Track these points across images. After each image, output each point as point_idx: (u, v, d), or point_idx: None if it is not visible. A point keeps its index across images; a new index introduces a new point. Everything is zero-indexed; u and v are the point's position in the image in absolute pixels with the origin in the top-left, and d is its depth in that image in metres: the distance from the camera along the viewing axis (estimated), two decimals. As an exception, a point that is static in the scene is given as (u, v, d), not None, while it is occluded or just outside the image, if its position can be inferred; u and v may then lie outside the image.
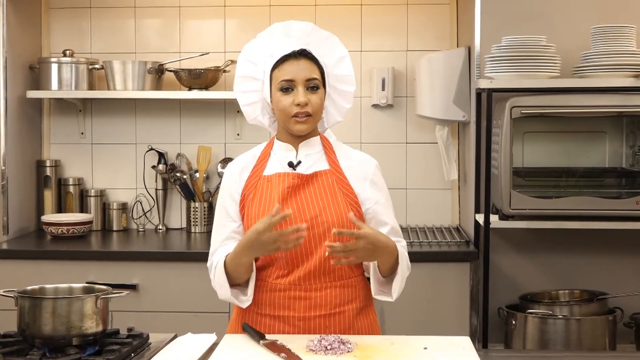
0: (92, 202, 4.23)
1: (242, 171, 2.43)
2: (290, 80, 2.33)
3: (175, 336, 2.38)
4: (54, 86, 4.07)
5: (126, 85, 4.07)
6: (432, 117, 3.99)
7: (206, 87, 4.11)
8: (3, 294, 2.20)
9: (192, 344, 2.27)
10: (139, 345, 2.24)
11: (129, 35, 4.32)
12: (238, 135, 4.28)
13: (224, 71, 4.14)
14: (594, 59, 3.37)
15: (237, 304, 2.37)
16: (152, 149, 4.24)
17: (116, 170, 4.33)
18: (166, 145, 4.27)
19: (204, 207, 4.17)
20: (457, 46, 4.13)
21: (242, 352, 2.16)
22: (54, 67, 4.07)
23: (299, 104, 2.31)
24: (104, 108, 4.32)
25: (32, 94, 4.07)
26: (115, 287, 2.56)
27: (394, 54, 4.24)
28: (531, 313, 3.36)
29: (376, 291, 2.35)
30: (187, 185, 4.18)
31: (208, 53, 4.17)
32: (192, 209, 4.17)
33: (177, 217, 4.32)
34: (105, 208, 4.26)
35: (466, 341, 2.25)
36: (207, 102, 4.27)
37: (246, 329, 2.29)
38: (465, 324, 3.56)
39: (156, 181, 4.27)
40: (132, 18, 4.32)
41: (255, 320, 2.37)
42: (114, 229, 4.24)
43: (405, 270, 2.36)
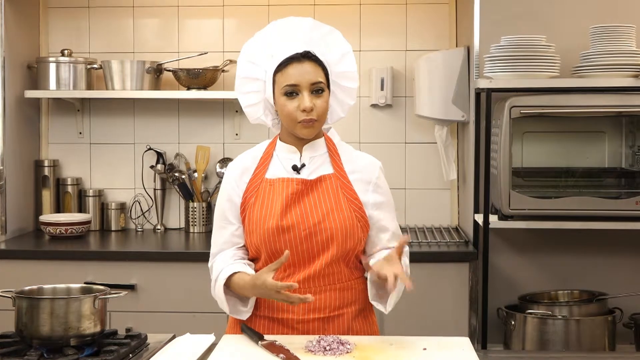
0: (91, 202, 4.23)
1: (243, 173, 2.39)
2: (295, 85, 2.28)
3: (174, 337, 2.37)
4: (52, 86, 4.07)
5: (124, 85, 4.06)
6: (431, 117, 3.98)
7: (205, 87, 4.10)
8: (1, 294, 2.19)
9: (190, 344, 2.26)
10: (137, 345, 2.23)
11: (127, 35, 4.31)
12: (237, 135, 4.28)
13: (223, 71, 4.13)
14: (594, 58, 3.37)
15: (235, 316, 2.36)
16: (150, 148, 4.23)
17: (114, 170, 4.32)
18: (165, 145, 4.27)
19: (203, 207, 4.16)
20: (456, 46, 4.12)
21: (241, 353, 2.15)
22: (52, 67, 4.06)
23: (304, 110, 2.27)
24: (102, 108, 4.31)
25: (30, 94, 4.06)
26: (114, 287, 2.56)
27: (393, 53, 4.23)
28: (530, 313, 3.35)
29: (373, 296, 2.34)
30: (185, 185, 4.18)
31: (207, 53, 4.16)
32: (190, 209, 4.17)
33: (175, 217, 4.32)
34: (103, 208, 4.25)
35: (465, 342, 2.24)
36: (206, 101, 4.26)
37: (245, 329, 2.29)
38: (464, 325, 3.55)
39: (154, 181, 4.26)
40: (130, 18, 4.31)
41: (254, 322, 2.36)
42: (112, 229, 4.23)
43: (400, 287, 2.31)
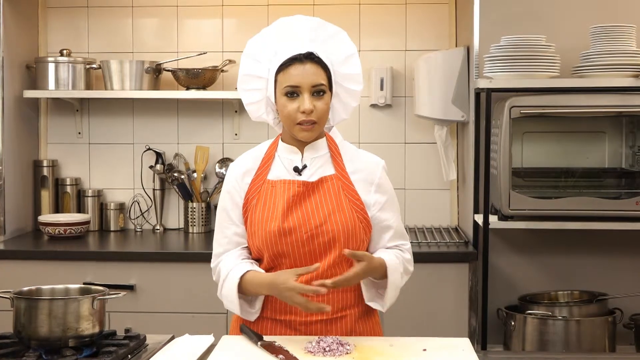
0: (90, 202, 4.22)
1: (245, 174, 2.38)
2: (296, 86, 2.27)
3: (173, 337, 2.36)
4: (51, 86, 4.06)
5: (123, 85, 4.05)
6: (430, 117, 3.98)
7: (204, 87, 4.09)
8: (-1, 295, 2.19)
9: (189, 345, 2.26)
10: (136, 346, 2.22)
11: (126, 35, 4.30)
12: (236, 135, 4.27)
13: (222, 71, 4.12)
14: (594, 58, 3.37)
15: (243, 317, 2.35)
16: (149, 149, 4.23)
17: (113, 171, 4.32)
18: (164, 145, 4.26)
19: (202, 208, 4.15)
20: (456, 46, 4.12)
21: (240, 354, 2.14)
22: (51, 67, 4.05)
23: (304, 112, 2.26)
24: (101, 108, 4.31)
25: (29, 94, 4.06)
26: (113, 287, 2.56)
27: (393, 53, 4.23)
28: (530, 314, 3.35)
29: (369, 297, 2.33)
30: (184, 186, 4.17)
31: (206, 53, 4.16)
32: (189, 209, 4.16)
33: (174, 217, 4.31)
34: (102, 208, 4.24)
35: (465, 343, 2.23)
36: (205, 101, 4.26)
37: (244, 330, 2.28)
38: (464, 325, 3.55)
39: (154, 181, 4.26)
40: (129, 17, 4.30)
41: (257, 323, 2.35)
42: (112, 229, 4.22)
43: (399, 280, 2.32)
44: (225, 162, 4.20)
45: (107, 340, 2.21)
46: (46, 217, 4.04)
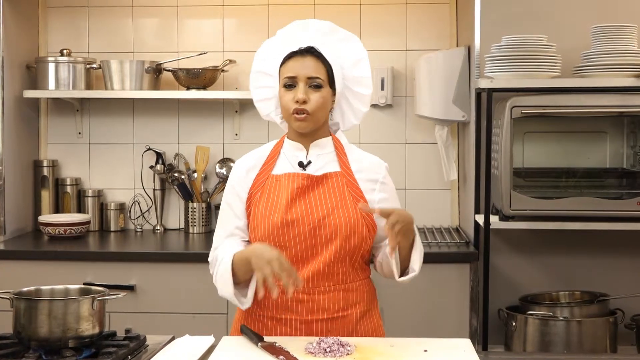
0: (90, 202, 4.21)
1: (250, 170, 2.41)
2: (293, 77, 2.32)
3: (173, 338, 2.36)
4: (51, 86, 4.06)
5: (124, 85, 4.05)
6: (431, 117, 3.97)
7: (204, 87, 4.09)
8: (-1, 295, 2.19)
9: (189, 346, 2.26)
10: (136, 347, 2.22)
11: (126, 35, 4.30)
12: (236, 135, 4.27)
13: (222, 71, 4.12)
14: (595, 58, 3.36)
15: (237, 304, 2.35)
16: (149, 149, 4.22)
17: (114, 171, 4.31)
18: (164, 145, 4.26)
19: (202, 208, 4.15)
20: (457, 46, 4.11)
21: (240, 355, 2.14)
22: (51, 67, 4.05)
23: (297, 101, 2.30)
24: (101, 108, 4.30)
25: (29, 94, 4.05)
26: (113, 287, 2.55)
27: (393, 53, 4.22)
28: (531, 314, 3.34)
29: (399, 274, 2.30)
30: (185, 186, 4.16)
31: (206, 53, 4.15)
32: (190, 210, 4.16)
33: (175, 217, 4.31)
34: (102, 208, 4.24)
35: (466, 343, 2.23)
36: (205, 102, 4.25)
37: (244, 330, 2.27)
38: (465, 326, 3.54)
39: (154, 181, 4.25)
40: (129, 17, 4.30)
41: (257, 322, 2.36)
42: (112, 229, 4.22)
43: (420, 244, 2.31)
44: (225, 162, 4.19)
45: (107, 341, 2.21)
46: (46, 217, 4.04)
